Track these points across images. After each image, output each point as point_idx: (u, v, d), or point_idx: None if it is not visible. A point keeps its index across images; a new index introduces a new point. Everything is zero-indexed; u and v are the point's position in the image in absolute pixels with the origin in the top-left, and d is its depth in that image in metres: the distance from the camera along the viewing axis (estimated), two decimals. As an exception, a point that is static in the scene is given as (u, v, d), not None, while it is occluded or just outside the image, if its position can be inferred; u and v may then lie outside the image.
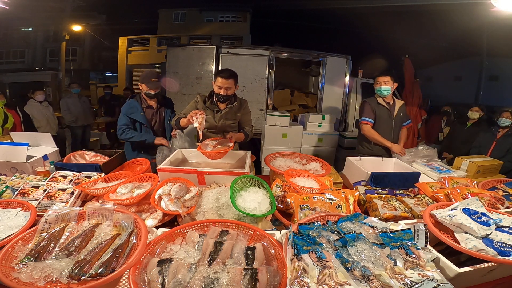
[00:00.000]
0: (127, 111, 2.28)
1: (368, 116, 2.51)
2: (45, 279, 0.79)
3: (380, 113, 2.49)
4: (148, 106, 2.34)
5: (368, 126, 2.51)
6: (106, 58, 14.63)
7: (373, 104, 2.51)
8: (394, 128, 2.51)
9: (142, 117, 2.29)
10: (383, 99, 2.50)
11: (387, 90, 2.42)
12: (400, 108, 2.53)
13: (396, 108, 2.52)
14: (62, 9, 11.23)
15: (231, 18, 13.32)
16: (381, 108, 2.49)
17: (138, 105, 2.30)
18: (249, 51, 4.51)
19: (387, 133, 2.50)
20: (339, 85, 4.71)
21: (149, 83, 2.22)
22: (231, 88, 2.01)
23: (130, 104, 2.30)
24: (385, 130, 2.50)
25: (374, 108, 2.49)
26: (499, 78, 10.35)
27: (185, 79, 4.55)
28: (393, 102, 2.54)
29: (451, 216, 1.09)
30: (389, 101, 2.51)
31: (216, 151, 1.66)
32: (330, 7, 9.02)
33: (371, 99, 2.57)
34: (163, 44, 11.93)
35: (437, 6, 6.96)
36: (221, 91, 1.99)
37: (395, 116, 2.51)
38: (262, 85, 4.48)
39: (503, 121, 2.88)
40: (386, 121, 2.50)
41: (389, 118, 2.50)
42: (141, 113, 2.29)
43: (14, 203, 1.19)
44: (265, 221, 1.21)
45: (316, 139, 3.96)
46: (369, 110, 2.50)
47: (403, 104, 2.57)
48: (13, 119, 3.65)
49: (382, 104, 2.49)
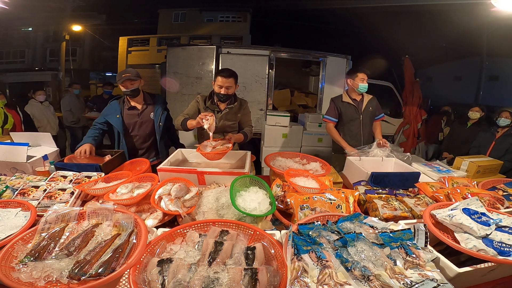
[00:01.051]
0: (104, 112, 2.16)
1: (330, 114, 2.56)
2: (45, 279, 0.79)
3: (346, 110, 2.52)
4: (131, 107, 2.15)
5: (330, 124, 2.56)
6: (106, 58, 14.61)
7: (337, 102, 2.54)
8: (363, 123, 2.53)
9: (117, 120, 2.11)
10: (348, 96, 2.52)
11: (365, 87, 2.46)
12: (368, 102, 2.54)
13: (364, 103, 2.53)
14: (62, 9, 11.22)
15: (231, 18, 13.31)
16: (346, 105, 2.52)
17: (117, 107, 2.14)
18: (249, 51, 4.52)
19: (356, 128, 2.53)
20: (339, 85, 4.71)
21: (120, 80, 2.03)
22: (232, 87, 2.01)
23: (111, 105, 2.17)
24: (353, 126, 2.54)
25: (339, 106, 2.52)
26: (499, 78, 10.34)
27: (185, 79, 4.55)
28: (361, 97, 2.54)
29: (451, 216, 1.09)
30: (355, 97, 2.53)
31: (215, 152, 1.65)
32: (330, 7, 9.01)
33: (337, 97, 2.61)
34: (163, 44, 11.91)
35: (437, 6, 6.95)
36: (222, 90, 1.98)
37: (362, 111, 2.52)
38: (262, 85, 4.49)
39: (502, 121, 2.88)
40: (353, 117, 2.52)
41: (356, 114, 2.52)
42: (117, 116, 2.11)
43: (14, 203, 1.19)
44: (265, 221, 1.21)
45: (316, 139, 3.96)
46: (332, 108, 2.55)
47: (372, 98, 2.58)
48: (13, 119, 3.65)
49: (347, 101, 2.52)
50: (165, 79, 4.67)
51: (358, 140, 2.54)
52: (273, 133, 3.77)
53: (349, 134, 2.55)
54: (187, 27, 13.21)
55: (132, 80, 2.05)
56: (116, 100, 2.20)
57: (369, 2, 7.81)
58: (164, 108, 2.29)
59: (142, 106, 2.19)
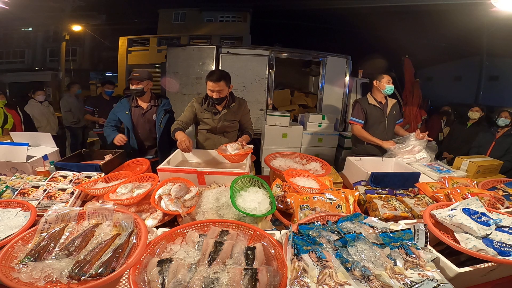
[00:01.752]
0: (115, 109, 2.28)
1: (357, 116, 2.52)
2: (45, 279, 0.79)
3: (372, 112, 2.49)
4: (137, 105, 2.27)
5: (358, 126, 2.52)
6: (106, 58, 14.62)
7: (364, 104, 2.51)
8: (387, 127, 2.52)
9: (126, 117, 2.24)
10: (374, 99, 2.51)
11: (391, 89, 2.44)
12: (392, 106, 2.53)
13: (389, 106, 2.52)
14: (62, 9, 11.23)
15: (231, 18, 13.32)
16: (372, 108, 2.49)
17: (126, 104, 2.26)
18: (249, 51, 4.51)
19: (381, 132, 2.50)
20: (339, 85, 4.71)
21: (129, 79, 2.15)
22: (223, 90, 1.96)
23: (121, 102, 2.29)
24: (378, 129, 2.51)
25: (365, 108, 2.50)
26: (499, 78, 10.34)
27: (185, 79, 4.55)
28: (385, 101, 2.54)
29: (451, 216, 1.09)
30: (381, 100, 2.52)
31: (241, 153, 1.69)
32: (330, 7, 9.02)
33: (362, 99, 2.58)
34: (163, 44, 11.93)
35: (437, 6, 6.96)
36: (214, 94, 1.96)
37: (388, 115, 2.51)
38: (262, 85, 4.48)
39: (501, 121, 2.89)
40: (379, 120, 2.50)
41: (382, 117, 2.50)
42: (126, 113, 2.24)
43: (14, 203, 1.19)
44: (265, 221, 1.21)
45: (316, 139, 3.96)
46: (359, 110, 2.51)
47: (395, 102, 2.57)
48: (13, 119, 3.65)
49: (373, 104, 2.49)
50: (165, 79, 4.66)
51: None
52: (273, 133, 3.77)
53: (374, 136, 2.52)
54: (187, 27, 13.22)
55: (138, 81, 2.15)
56: (126, 98, 2.31)
57: (369, 2, 7.81)
58: (168, 111, 2.37)
59: (147, 106, 2.29)
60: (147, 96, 2.27)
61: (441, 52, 11.74)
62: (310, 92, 6.04)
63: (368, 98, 2.52)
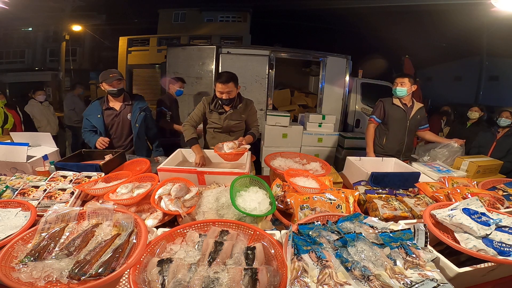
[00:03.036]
0: (85, 113, 2.21)
1: (376, 114, 2.53)
2: (45, 279, 0.79)
3: (394, 113, 2.49)
4: (108, 107, 2.21)
5: (372, 124, 2.53)
6: (106, 58, 14.60)
7: (386, 104, 2.51)
8: (408, 130, 2.50)
9: (98, 120, 2.17)
10: (399, 100, 2.49)
11: (402, 91, 2.42)
12: (418, 110, 2.51)
13: (414, 110, 2.50)
14: (62, 9, 11.23)
15: (231, 18, 13.31)
16: (396, 109, 2.48)
17: (98, 107, 2.20)
18: (249, 51, 4.51)
19: (401, 134, 2.50)
20: (339, 85, 4.71)
21: (108, 79, 2.09)
22: (233, 91, 2.02)
23: (93, 105, 2.23)
24: (398, 130, 2.50)
25: (387, 108, 2.49)
26: (499, 78, 10.33)
27: (185, 79, 4.54)
28: (411, 104, 2.52)
29: (451, 216, 1.09)
30: (406, 102, 2.50)
31: (234, 152, 1.68)
32: (330, 7, 9.01)
33: (387, 98, 2.58)
34: (163, 44, 11.91)
35: (437, 6, 6.95)
36: (223, 96, 2.00)
37: (410, 118, 2.48)
38: (262, 85, 4.49)
39: (503, 121, 2.88)
40: (400, 122, 2.49)
41: (404, 119, 2.48)
42: (98, 116, 2.17)
43: (14, 203, 1.19)
44: (265, 221, 1.21)
45: (316, 139, 3.96)
46: (379, 109, 2.52)
47: (422, 107, 2.55)
48: (13, 119, 3.66)
49: (397, 104, 2.48)
50: (165, 79, 4.67)
51: (401, 145, 2.52)
52: (273, 133, 3.77)
53: (394, 138, 2.51)
54: (187, 27, 13.21)
55: (119, 80, 2.13)
56: (98, 100, 2.26)
57: (369, 2, 7.81)
58: (144, 109, 2.31)
59: (120, 106, 2.24)
60: (122, 96, 2.23)
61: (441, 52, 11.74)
62: (310, 92, 6.04)
63: (393, 99, 2.52)
